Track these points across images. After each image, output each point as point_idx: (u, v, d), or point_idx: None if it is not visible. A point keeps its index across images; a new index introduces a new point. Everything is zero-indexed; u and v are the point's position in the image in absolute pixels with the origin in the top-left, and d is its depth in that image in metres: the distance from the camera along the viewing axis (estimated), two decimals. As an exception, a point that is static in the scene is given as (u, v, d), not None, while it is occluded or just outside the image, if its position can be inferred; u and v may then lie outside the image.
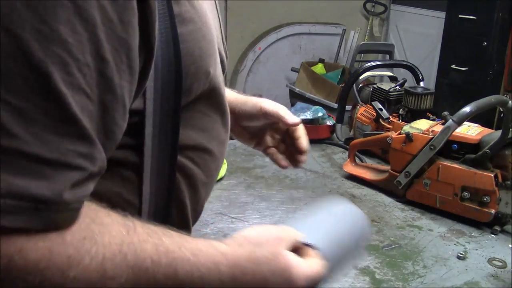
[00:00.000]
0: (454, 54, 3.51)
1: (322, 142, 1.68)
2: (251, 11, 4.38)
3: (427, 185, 1.21)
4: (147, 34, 0.53)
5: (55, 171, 0.48)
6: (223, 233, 1.08)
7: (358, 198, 1.30)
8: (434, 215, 1.21)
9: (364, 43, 3.79)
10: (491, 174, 1.12)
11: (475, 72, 3.34)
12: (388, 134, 1.32)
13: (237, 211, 1.19)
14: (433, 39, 4.02)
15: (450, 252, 1.06)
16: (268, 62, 4.47)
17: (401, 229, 1.15)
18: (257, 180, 1.38)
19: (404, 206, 1.26)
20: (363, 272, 0.97)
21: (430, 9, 4.12)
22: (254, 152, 1.60)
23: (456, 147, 1.20)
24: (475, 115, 1.15)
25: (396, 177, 1.27)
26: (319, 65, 3.98)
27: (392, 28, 4.64)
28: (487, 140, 1.17)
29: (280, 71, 4.44)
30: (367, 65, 1.67)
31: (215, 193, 1.28)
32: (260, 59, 4.43)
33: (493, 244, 1.10)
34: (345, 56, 4.50)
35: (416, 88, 1.53)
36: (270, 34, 4.39)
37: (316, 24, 4.53)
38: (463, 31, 3.42)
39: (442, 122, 1.26)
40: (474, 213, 1.15)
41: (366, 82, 1.82)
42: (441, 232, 1.14)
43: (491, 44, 3.22)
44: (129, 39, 0.50)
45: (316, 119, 1.67)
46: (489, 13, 3.20)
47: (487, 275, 0.98)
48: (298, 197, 1.28)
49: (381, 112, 1.53)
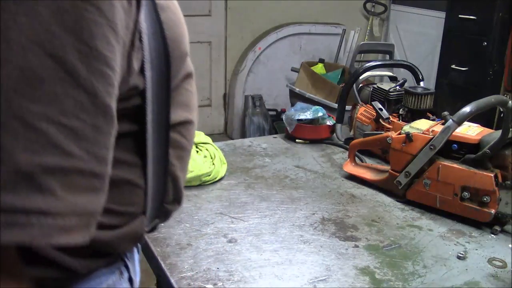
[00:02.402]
0: (454, 54, 3.51)
1: (322, 142, 1.68)
2: (251, 11, 4.38)
3: (427, 185, 1.21)
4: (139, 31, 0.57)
5: (104, 184, 0.53)
6: (223, 233, 1.08)
7: (358, 198, 1.30)
8: (434, 215, 1.22)
9: (364, 43, 3.79)
10: (491, 174, 1.12)
11: (475, 72, 3.34)
12: (388, 134, 1.32)
13: (237, 211, 1.19)
14: (433, 39, 4.02)
15: (450, 252, 1.06)
16: (268, 62, 4.47)
17: (401, 229, 1.15)
18: (257, 180, 1.38)
19: (404, 206, 1.26)
20: (363, 272, 0.97)
21: (430, 9, 4.12)
22: (254, 152, 1.60)
23: (456, 147, 1.20)
24: (475, 115, 1.15)
25: (396, 177, 1.27)
26: (319, 65, 3.98)
27: (392, 28, 4.64)
28: (487, 140, 1.17)
29: (280, 71, 4.44)
30: (367, 65, 1.67)
31: (215, 193, 1.29)
32: (260, 59, 4.43)
33: (493, 244, 1.10)
34: (345, 56, 4.50)
35: (416, 88, 1.53)
36: (270, 34, 4.39)
37: (316, 24, 4.54)
38: (463, 31, 3.42)
39: (442, 122, 1.26)
40: (474, 213, 1.15)
41: (366, 82, 1.82)
42: (441, 232, 1.14)
43: (491, 44, 3.22)
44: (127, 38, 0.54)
45: (316, 119, 1.67)
46: (489, 13, 3.20)
47: (487, 275, 0.99)
48: (298, 197, 1.28)
49: (381, 112, 1.53)
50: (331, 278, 0.94)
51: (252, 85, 4.46)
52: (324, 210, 1.22)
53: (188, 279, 0.92)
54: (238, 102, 4.43)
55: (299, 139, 1.68)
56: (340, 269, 0.97)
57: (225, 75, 4.53)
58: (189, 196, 1.25)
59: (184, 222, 1.13)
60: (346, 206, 1.24)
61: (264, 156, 1.56)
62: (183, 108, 0.74)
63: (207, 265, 0.96)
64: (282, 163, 1.51)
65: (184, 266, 0.96)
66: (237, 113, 4.45)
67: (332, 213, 1.20)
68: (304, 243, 1.06)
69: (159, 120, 0.67)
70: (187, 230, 1.09)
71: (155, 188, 0.70)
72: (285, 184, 1.36)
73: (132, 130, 0.65)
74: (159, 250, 1.01)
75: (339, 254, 1.03)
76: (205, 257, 0.99)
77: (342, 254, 1.03)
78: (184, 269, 0.95)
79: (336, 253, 1.03)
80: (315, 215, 1.19)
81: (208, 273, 0.94)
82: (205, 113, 4.56)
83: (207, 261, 0.98)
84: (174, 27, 0.66)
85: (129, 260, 0.77)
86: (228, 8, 4.34)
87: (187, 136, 0.76)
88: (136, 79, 0.60)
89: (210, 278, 0.92)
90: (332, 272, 0.96)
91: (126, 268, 0.76)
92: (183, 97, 0.74)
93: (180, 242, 1.04)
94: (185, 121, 0.75)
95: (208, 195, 1.27)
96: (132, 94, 0.61)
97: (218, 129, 4.66)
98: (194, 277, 0.93)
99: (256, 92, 4.35)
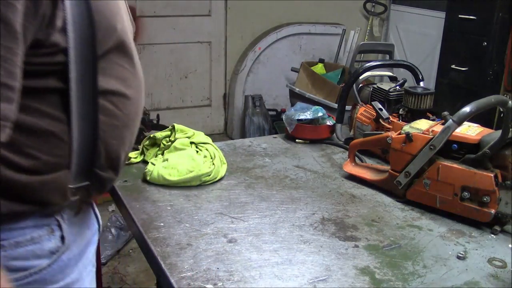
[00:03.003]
0: (454, 54, 3.51)
1: (322, 142, 1.68)
2: (251, 11, 4.38)
3: (427, 185, 1.21)
4: None
5: (15, 96, 0.67)
6: (223, 233, 1.08)
7: (358, 198, 1.30)
8: (434, 215, 1.22)
9: (364, 43, 3.79)
10: (491, 174, 1.12)
11: (475, 72, 3.34)
12: (388, 134, 1.32)
13: (237, 211, 1.19)
14: (433, 39, 4.02)
15: (450, 252, 1.06)
16: (268, 62, 4.46)
17: (401, 229, 1.15)
18: (257, 180, 1.38)
19: (404, 206, 1.26)
20: (363, 272, 0.97)
21: (430, 9, 4.12)
22: (254, 152, 1.60)
23: (456, 147, 1.20)
24: (475, 115, 1.15)
25: (396, 177, 1.27)
26: (319, 65, 3.98)
27: (392, 28, 4.65)
28: (487, 140, 1.17)
29: (280, 71, 4.44)
30: (367, 65, 1.67)
31: (215, 193, 1.29)
32: (260, 59, 4.43)
33: (493, 244, 1.10)
34: (345, 56, 4.50)
35: (416, 88, 1.53)
36: (270, 34, 4.39)
37: (316, 24, 4.54)
38: (463, 31, 3.42)
39: (442, 122, 1.26)
40: (474, 213, 1.15)
41: (366, 82, 1.82)
42: (441, 232, 1.14)
43: (491, 44, 3.23)
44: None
45: (316, 119, 1.67)
46: (489, 13, 3.20)
47: (487, 275, 0.99)
48: (298, 197, 1.28)
49: (381, 112, 1.53)
50: (331, 278, 0.94)
51: (252, 85, 4.46)
52: (324, 210, 1.22)
53: (188, 279, 0.92)
54: (238, 102, 4.43)
55: (299, 139, 1.68)
56: (340, 269, 0.97)
57: (225, 75, 4.53)
58: (189, 196, 1.25)
59: (184, 222, 1.13)
60: (346, 206, 1.24)
61: (264, 156, 1.56)
62: (117, 80, 0.84)
63: (207, 265, 0.96)
64: (282, 163, 1.51)
65: (184, 266, 0.96)
66: (237, 113, 4.45)
67: (332, 213, 1.20)
68: (304, 243, 1.06)
69: (85, 81, 0.77)
70: (187, 230, 1.09)
71: (81, 147, 0.79)
72: (285, 184, 1.36)
73: (58, 87, 0.76)
74: (159, 250, 1.01)
75: (339, 254, 1.03)
76: (205, 257, 0.99)
77: (342, 254, 1.03)
78: (184, 269, 0.95)
79: (336, 253, 1.03)
80: (315, 215, 1.19)
81: (208, 273, 0.94)
82: (205, 113, 4.56)
83: (207, 261, 0.98)
84: (102, 2, 0.78)
85: (65, 222, 0.83)
86: (228, 8, 4.34)
87: (121, 108, 0.85)
88: (58, 37, 0.72)
89: (210, 278, 0.92)
90: (332, 272, 0.96)
91: (60, 227, 0.82)
92: (117, 71, 0.84)
93: (180, 242, 1.04)
94: (117, 92, 0.84)
95: (208, 195, 1.27)
96: (55, 51, 0.73)
97: (218, 129, 4.66)
98: (194, 277, 0.93)
99: (256, 92, 4.35)
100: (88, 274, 0.93)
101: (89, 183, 0.84)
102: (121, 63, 0.85)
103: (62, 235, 0.83)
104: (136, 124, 0.92)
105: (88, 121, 0.79)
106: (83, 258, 0.90)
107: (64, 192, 0.80)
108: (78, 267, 0.88)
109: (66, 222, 0.84)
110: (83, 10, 0.74)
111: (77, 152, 0.79)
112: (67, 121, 0.78)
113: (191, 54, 4.33)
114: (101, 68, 0.80)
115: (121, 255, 2.76)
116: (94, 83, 0.79)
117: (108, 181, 0.89)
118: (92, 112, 0.79)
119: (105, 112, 0.82)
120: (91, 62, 0.77)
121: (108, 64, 0.82)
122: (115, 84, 0.84)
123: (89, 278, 0.93)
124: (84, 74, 0.77)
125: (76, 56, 0.74)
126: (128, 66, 0.86)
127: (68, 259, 0.85)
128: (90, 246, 0.94)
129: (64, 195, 0.80)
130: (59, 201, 0.81)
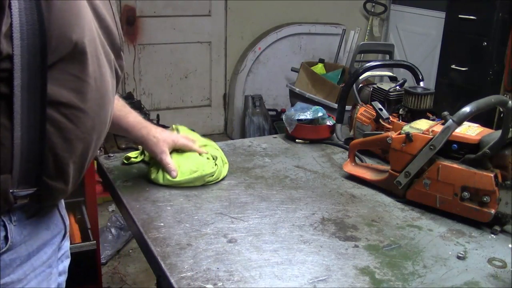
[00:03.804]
0: (454, 54, 3.52)
1: (322, 142, 1.68)
2: (251, 11, 4.38)
3: (427, 185, 1.21)
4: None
5: None
6: (223, 233, 1.08)
7: (358, 198, 1.30)
8: (434, 215, 1.21)
9: (364, 43, 3.79)
10: (491, 174, 1.12)
11: (475, 72, 3.34)
12: (388, 134, 1.32)
13: (237, 211, 1.19)
14: (433, 39, 4.02)
15: (450, 252, 1.06)
16: (268, 62, 4.47)
17: (401, 229, 1.15)
18: (257, 180, 1.38)
19: (404, 206, 1.26)
20: (363, 272, 0.97)
21: (430, 9, 4.12)
22: (254, 152, 1.60)
23: (456, 147, 1.20)
24: (475, 115, 1.15)
25: (396, 177, 1.27)
26: (319, 65, 3.99)
27: (392, 28, 4.65)
28: (487, 140, 1.17)
29: (280, 71, 4.45)
30: (367, 65, 1.67)
31: (215, 193, 1.29)
32: (260, 59, 4.43)
33: (493, 244, 1.10)
34: (345, 56, 4.51)
35: (416, 88, 1.53)
36: (270, 34, 4.40)
37: (316, 24, 4.54)
38: (463, 31, 3.42)
39: (442, 122, 1.26)
40: (474, 213, 1.15)
41: (366, 82, 1.82)
42: (441, 232, 1.14)
43: (491, 44, 3.23)
44: None
45: (316, 119, 1.67)
46: (489, 13, 3.21)
47: (487, 275, 0.99)
48: (298, 197, 1.28)
49: (381, 112, 1.53)
50: (331, 278, 0.94)
51: (252, 85, 4.46)
52: (324, 210, 1.22)
53: (188, 279, 0.92)
54: (238, 102, 4.44)
55: (299, 139, 1.68)
56: (340, 269, 0.97)
57: (225, 75, 4.53)
58: (189, 196, 1.25)
59: (184, 222, 1.13)
60: (346, 206, 1.24)
61: (264, 156, 1.56)
62: (70, 92, 0.81)
63: (207, 265, 0.96)
64: (282, 163, 1.51)
65: (184, 266, 0.96)
66: (237, 113, 4.45)
67: (332, 213, 1.20)
68: (304, 243, 1.06)
69: (32, 89, 0.76)
70: (187, 230, 1.09)
71: (25, 155, 0.78)
72: (285, 184, 1.36)
73: (3, 92, 0.74)
74: (159, 250, 1.01)
75: (339, 254, 1.03)
76: (205, 257, 0.99)
77: (342, 254, 1.03)
78: (184, 269, 0.95)
79: (336, 253, 1.03)
80: (315, 215, 1.19)
81: (208, 273, 0.94)
82: (205, 113, 4.56)
83: (207, 261, 0.98)
84: (58, 12, 0.76)
85: (13, 223, 0.84)
86: (228, 8, 4.34)
87: (75, 121, 0.83)
88: (4, 44, 0.71)
89: (210, 278, 0.92)
90: (332, 272, 0.96)
91: (5, 228, 0.83)
92: (71, 82, 0.81)
93: (180, 242, 1.04)
94: (70, 104, 0.81)
95: (208, 195, 1.27)
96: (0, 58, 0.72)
97: (218, 129, 4.66)
98: (194, 277, 0.93)
99: (256, 92, 4.36)
100: (38, 275, 0.91)
101: (37, 190, 0.83)
102: (78, 75, 0.82)
103: (6, 235, 0.83)
104: (94, 138, 0.90)
105: (34, 130, 0.78)
106: (32, 259, 0.89)
107: (5, 196, 0.80)
108: (23, 268, 0.87)
109: (15, 223, 0.84)
110: (34, 19, 0.73)
111: (20, 160, 0.78)
112: (10, 128, 0.77)
113: (191, 54, 4.34)
114: (53, 78, 0.78)
115: (121, 255, 2.76)
116: (43, 92, 0.77)
117: (57, 190, 0.87)
118: (39, 121, 0.78)
119: (54, 123, 0.80)
120: (40, 71, 0.76)
121: (61, 74, 0.80)
122: (68, 96, 0.81)
123: (39, 280, 0.91)
124: (31, 82, 0.75)
125: (22, 63, 0.74)
126: (87, 78, 0.84)
127: (10, 259, 0.84)
128: (47, 247, 0.93)
129: (5, 198, 0.80)
130: (1, 204, 0.80)
